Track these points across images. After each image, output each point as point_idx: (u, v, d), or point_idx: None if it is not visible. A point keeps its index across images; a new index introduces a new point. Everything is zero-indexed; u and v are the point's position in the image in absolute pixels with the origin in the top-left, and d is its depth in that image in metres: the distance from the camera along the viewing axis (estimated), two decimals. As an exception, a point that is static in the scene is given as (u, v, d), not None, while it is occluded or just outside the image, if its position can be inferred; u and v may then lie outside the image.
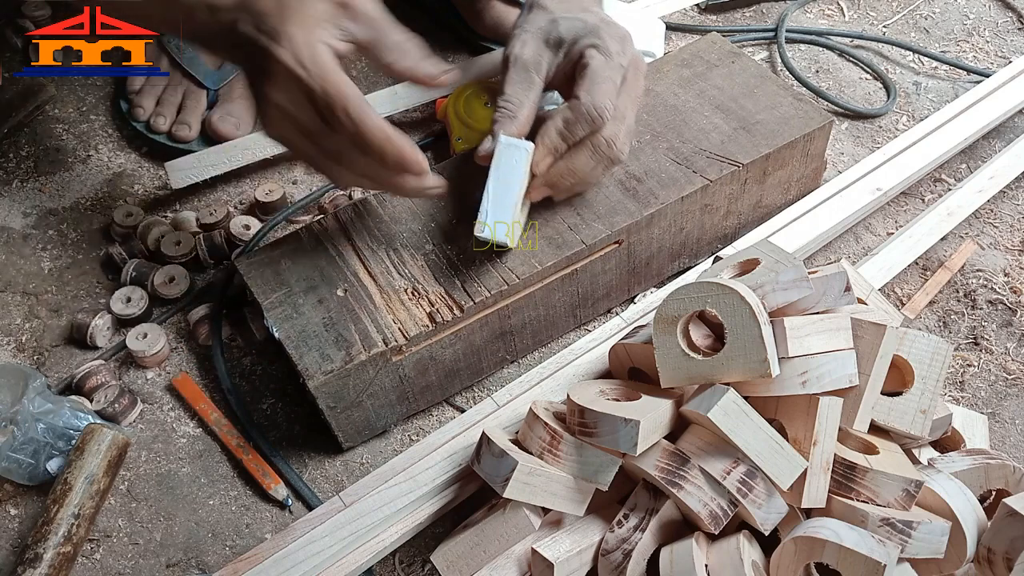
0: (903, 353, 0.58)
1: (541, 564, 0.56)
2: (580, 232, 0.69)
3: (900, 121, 0.93)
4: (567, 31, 0.64)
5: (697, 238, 0.77)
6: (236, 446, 0.70)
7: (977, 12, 1.04)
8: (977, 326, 0.76)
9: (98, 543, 0.66)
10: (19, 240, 0.86)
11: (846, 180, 0.81)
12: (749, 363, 0.52)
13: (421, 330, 0.64)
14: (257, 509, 0.68)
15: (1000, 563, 0.53)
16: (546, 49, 0.64)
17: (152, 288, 0.79)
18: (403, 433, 0.72)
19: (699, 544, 0.54)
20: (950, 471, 0.57)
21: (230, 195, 0.89)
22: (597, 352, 0.70)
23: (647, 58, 0.84)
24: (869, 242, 0.82)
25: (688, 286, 0.54)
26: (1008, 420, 0.70)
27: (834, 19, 1.05)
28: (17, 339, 0.78)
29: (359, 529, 0.61)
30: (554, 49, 0.64)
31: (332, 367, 0.62)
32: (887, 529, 0.52)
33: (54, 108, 0.97)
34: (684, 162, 0.74)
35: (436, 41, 1.03)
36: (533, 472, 0.55)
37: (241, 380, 0.75)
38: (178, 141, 0.90)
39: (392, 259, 0.69)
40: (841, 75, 0.98)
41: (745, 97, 0.79)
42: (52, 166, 0.92)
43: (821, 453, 0.53)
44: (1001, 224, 0.83)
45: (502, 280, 0.67)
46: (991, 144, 0.90)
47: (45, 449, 0.67)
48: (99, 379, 0.73)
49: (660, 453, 0.55)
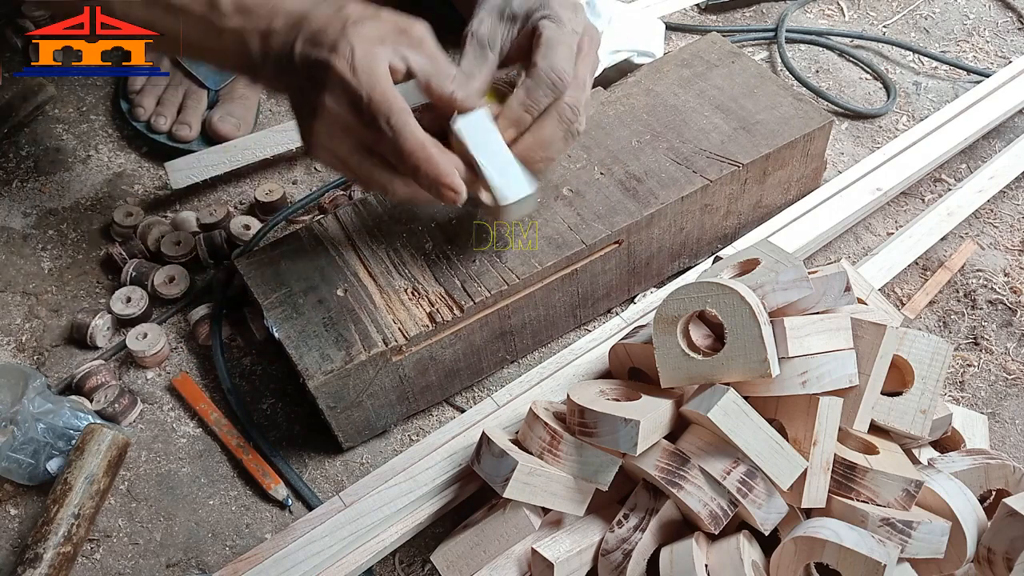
0: (903, 353, 0.58)
1: (541, 564, 0.56)
2: (580, 232, 0.69)
3: (900, 121, 0.93)
4: (520, 6, 0.64)
5: (697, 238, 0.77)
6: (236, 446, 0.70)
7: (977, 12, 1.04)
8: (977, 326, 0.76)
9: (98, 543, 0.66)
10: (19, 240, 0.86)
11: (846, 180, 0.81)
12: (749, 363, 0.52)
13: (421, 330, 0.64)
14: (257, 509, 0.68)
15: (1000, 563, 0.53)
16: (500, 24, 0.65)
17: (152, 288, 0.79)
18: (403, 433, 0.72)
19: (699, 544, 0.54)
20: (950, 471, 0.57)
21: (230, 195, 0.89)
22: (597, 352, 0.70)
23: (647, 58, 0.85)
24: (869, 242, 0.82)
25: (688, 286, 0.54)
26: (1008, 420, 0.70)
27: (834, 19, 1.05)
28: (17, 339, 0.78)
29: (359, 529, 0.61)
30: (509, 23, 0.65)
31: (332, 367, 0.62)
32: (887, 529, 0.52)
33: (54, 108, 0.97)
34: (684, 162, 0.74)
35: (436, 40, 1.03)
36: (533, 472, 0.55)
37: (241, 380, 0.75)
38: (178, 141, 0.90)
39: (392, 259, 0.69)
40: (841, 75, 0.98)
41: (745, 97, 0.79)
42: (52, 166, 0.92)
43: (821, 453, 0.53)
44: (1001, 224, 0.83)
45: (502, 280, 0.67)
46: (991, 144, 0.90)
47: (45, 449, 0.67)
48: (99, 379, 0.73)
49: (660, 453, 0.55)
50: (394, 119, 0.56)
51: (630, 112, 0.79)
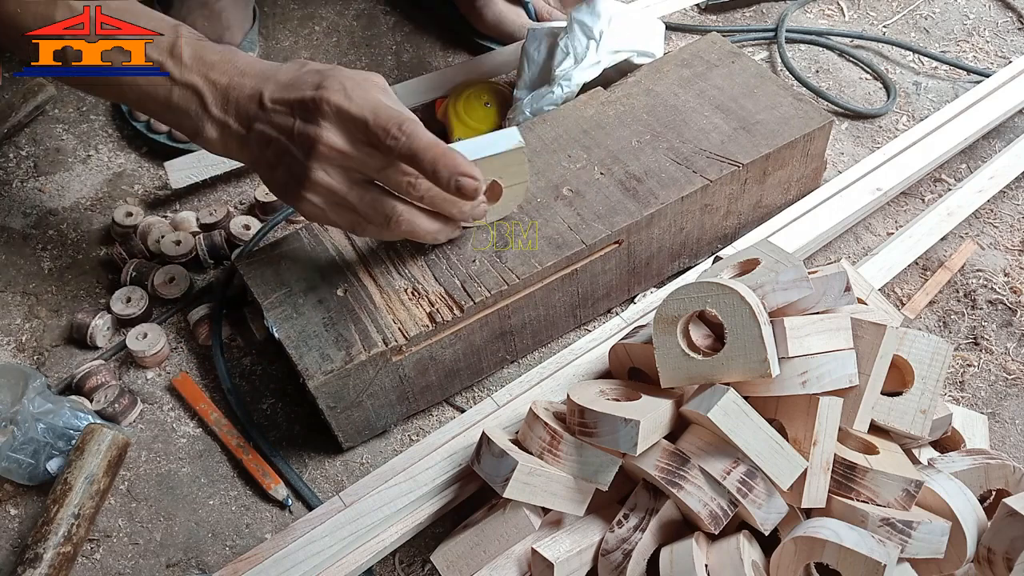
0: (903, 353, 0.58)
1: (541, 564, 0.56)
2: (580, 232, 0.69)
3: (900, 121, 0.93)
4: None
5: (697, 238, 0.77)
6: (236, 446, 0.70)
7: (977, 12, 1.04)
8: (977, 326, 0.76)
9: (98, 543, 0.66)
10: (19, 240, 0.86)
11: (846, 180, 0.81)
12: (749, 363, 0.52)
13: (421, 330, 0.64)
14: (257, 509, 0.68)
15: (1000, 563, 0.53)
16: None
17: (152, 288, 0.79)
18: (403, 433, 0.72)
19: (699, 544, 0.54)
20: (950, 471, 0.57)
21: (230, 195, 0.89)
22: (597, 352, 0.70)
23: (647, 58, 0.84)
24: (869, 242, 0.82)
25: (688, 286, 0.54)
26: (1008, 420, 0.70)
27: (834, 19, 1.05)
28: (17, 339, 0.78)
29: (359, 529, 0.61)
30: None
31: (332, 367, 0.62)
32: (887, 529, 0.52)
33: (54, 108, 0.97)
34: (684, 162, 0.74)
35: (436, 40, 1.03)
36: (533, 472, 0.55)
37: (241, 380, 0.75)
38: (178, 141, 0.90)
39: (392, 259, 0.69)
40: (841, 75, 0.98)
41: (745, 97, 0.79)
42: (52, 166, 0.92)
43: (821, 453, 0.53)
44: (1001, 224, 0.83)
45: (502, 280, 0.67)
46: (991, 144, 0.90)
47: (45, 449, 0.67)
48: (99, 379, 0.73)
49: (660, 453, 0.55)
50: (406, 125, 0.57)
51: (630, 112, 0.79)
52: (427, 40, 1.03)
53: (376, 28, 1.04)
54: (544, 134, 0.77)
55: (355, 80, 0.58)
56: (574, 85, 0.81)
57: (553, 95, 0.82)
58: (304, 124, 0.58)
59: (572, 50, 0.83)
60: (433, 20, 1.05)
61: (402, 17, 1.06)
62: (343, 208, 0.60)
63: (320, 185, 0.59)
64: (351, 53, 1.01)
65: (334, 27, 1.04)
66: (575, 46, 0.83)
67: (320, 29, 1.04)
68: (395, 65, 1.00)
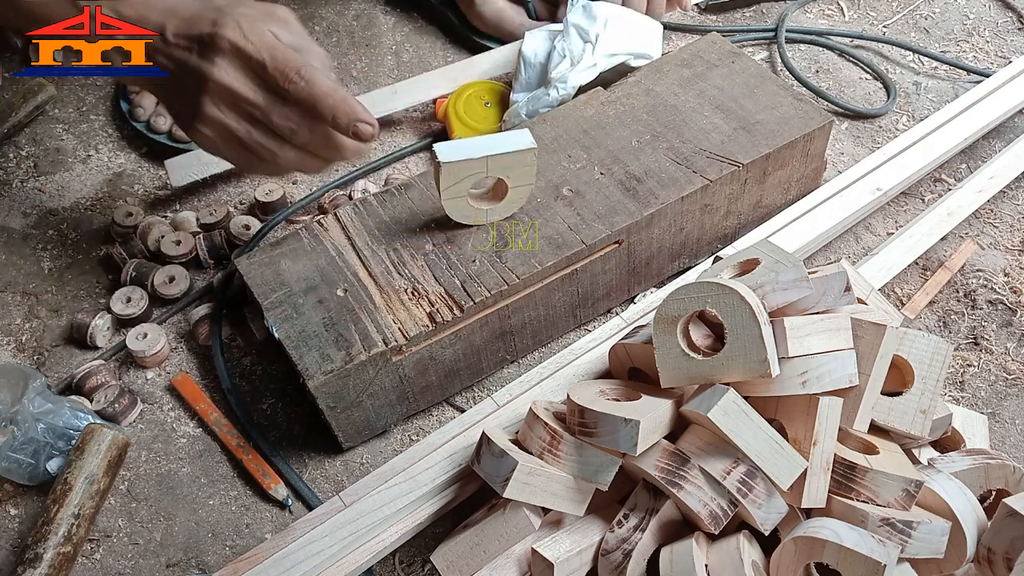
0: (903, 353, 0.58)
1: (541, 564, 0.56)
2: (580, 232, 0.69)
3: (900, 121, 0.93)
4: None
5: (697, 238, 0.77)
6: (236, 446, 0.70)
7: (977, 12, 1.04)
8: (977, 326, 0.76)
9: (98, 543, 0.66)
10: (19, 240, 0.86)
11: (846, 180, 0.81)
12: (749, 363, 0.52)
13: (421, 330, 0.64)
14: (257, 509, 0.68)
15: (1000, 563, 0.53)
16: None
17: (152, 288, 0.79)
18: (403, 433, 0.72)
19: (699, 544, 0.54)
20: (950, 471, 0.57)
21: (230, 195, 0.89)
22: (597, 352, 0.70)
23: (643, 60, 0.84)
24: (869, 242, 0.82)
25: (688, 286, 0.54)
26: (1008, 420, 0.70)
27: (834, 19, 1.05)
28: (17, 339, 0.78)
29: (359, 529, 0.61)
30: None
31: (332, 367, 0.62)
32: (887, 529, 0.52)
33: (54, 108, 0.97)
34: (684, 162, 0.74)
35: (435, 39, 1.03)
36: (533, 472, 0.55)
37: (241, 380, 0.75)
38: (178, 141, 0.90)
39: (392, 259, 0.69)
40: (841, 75, 0.98)
41: (745, 97, 0.79)
42: (52, 166, 0.92)
43: (821, 453, 0.53)
44: (1001, 224, 0.83)
45: (502, 280, 0.67)
46: (991, 144, 0.90)
47: (45, 449, 0.67)
48: (99, 379, 0.73)
49: (660, 453, 0.55)
50: (305, 71, 0.58)
51: (630, 112, 0.79)
52: (427, 40, 1.03)
53: (376, 28, 1.04)
54: (544, 134, 0.77)
55: (251, 17, 0.60)
56: (570, 88, 0.81)
57: (549, 97, 0.82)
58: (200, 60, 0.60)
59: (568, 53, 0.83)
60: (433, 20, 1.05)
61: (402, 17, 1.06)
62: (233, 143, 0.62)
63: (211, 119, 0.61)
64: (351, 53, 1.01)
65: (334, 27, 1.04)
66: (571, 49, 0.83)
67: (320, 29, 1.04)
68: (395, 65, 1.00)
